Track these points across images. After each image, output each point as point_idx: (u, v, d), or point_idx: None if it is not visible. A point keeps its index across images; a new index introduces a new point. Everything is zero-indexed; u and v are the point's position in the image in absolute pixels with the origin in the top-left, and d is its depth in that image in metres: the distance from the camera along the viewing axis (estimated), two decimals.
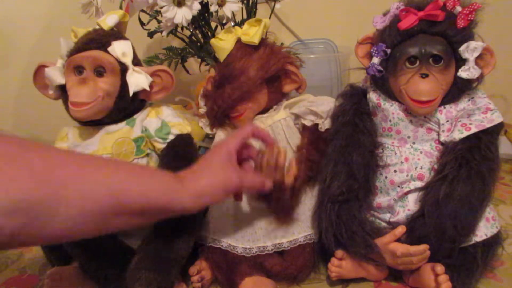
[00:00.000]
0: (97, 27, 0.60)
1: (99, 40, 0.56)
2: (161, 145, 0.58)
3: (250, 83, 0.57)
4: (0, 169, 0.30)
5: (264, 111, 0.61)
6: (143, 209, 0.40)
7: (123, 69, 0.56)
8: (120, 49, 0.56)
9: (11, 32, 1.06)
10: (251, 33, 0.59)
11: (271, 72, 0.58)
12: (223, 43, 0.59)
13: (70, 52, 0.57)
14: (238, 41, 0.59)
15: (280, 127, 0.60)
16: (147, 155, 0.59)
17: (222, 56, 0.60)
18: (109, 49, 0.55)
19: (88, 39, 0.57)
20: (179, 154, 0.59)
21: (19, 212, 0.31)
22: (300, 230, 0.57)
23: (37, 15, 1.06)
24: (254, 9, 0.81)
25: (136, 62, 0.59)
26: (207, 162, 0.48)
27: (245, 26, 0.60)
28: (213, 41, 0.61)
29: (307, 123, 0.60)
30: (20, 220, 0.31)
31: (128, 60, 0.56)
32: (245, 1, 0.78)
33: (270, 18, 0.76)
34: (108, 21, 0.59)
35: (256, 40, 0.57)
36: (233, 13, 0.72)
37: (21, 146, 0.33)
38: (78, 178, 0.35)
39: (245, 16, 0.80)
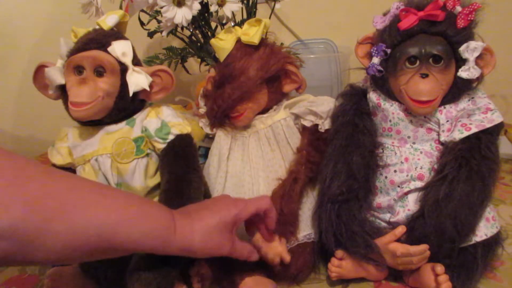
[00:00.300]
0: (97, 27, 0.60)
1: (99, 40, 0.56)
2: (161, 145, 0.58)
3: (250, 83, 0.57)
4: None
5: (264, 111, 0.61)
6: (129, 250, 0.41)
7: (123, 69, 0.56)
8: (120, 49, 0.56)
9: (12, 32, 1.06)
10: (251, 33, 0.59)
11: (271, 72, 0.58)
12: (223, 43, 0.59)
13: (70, 52, 0.57)
14: (238, 41, 0.59)
15: (280, 127, 0.60)
16: (147, 155, 0.59)
17: (222, 56, 0.60)
18: (109, 49, 0.55)
19: (88, 39, 0.57)
20: (179, 154, 0.59)
21: (6, 238, 0.31)
22: (300, 230, 0.57)
23: (37, 15, 1.06)
24: (254, 9, 0.81)
25: (136, 62, 0.59)
26: (209, 217, 0.45)
27: (245, 26, 0.60)
28: (213, 41, 0.61)
29: (307, 123, 0.60)
30: (6, 246, 0.31)
31: (128, 60, 0.56)
32: (245, 1, 0.78)
33: (270, 18, 0.76)
34: (108, 21, 0.59)
35: (256, 40, 0.57)
36: (233, 13, 0.72)
37: (17, 170, 0.33)
38: (70, 213, 0.35)
39: (245, 16, 0.80)
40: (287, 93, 0.63)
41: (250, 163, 0.60)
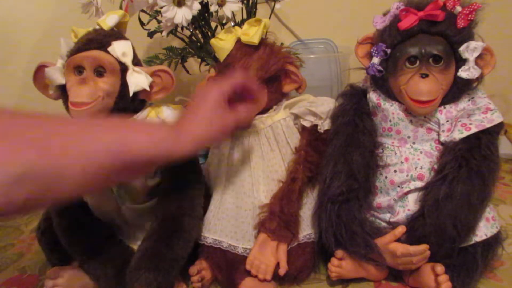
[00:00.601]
0: (97, 27, 0.60)
1: (99, 40, 0.56)
2: None
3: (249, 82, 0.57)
4: (3, 147, 0.32)
5: (264, 111, 0.61)
6: (143, 163, 0.42)
7: (123, 69, 0.56)
8: (120, 49, 0.56)
9: (12, 32, 1.06)
10: (251, 33, 0.59)
11: (270, 72, 0.58)
12: (223, 43, 0.59)
13: (70, 52, 0.57)
14: (238, 41, 0.59)
15: (280, 127, 0.60)
16: None
17: (222, 56, 0.60)
18: (109, 49, 0.55)
19: (88, 39, 0.57)
20: None
21: (27, 182, 0.32)
22: (300, 230, 0.57)
23: (38, 15, 1.06)
24: (254, 9, 0.81)
25: (136, 62, 0.59)
26: (201, 109, 0.48)
27: (245, 26, 0.60)
28: (213, 41, 0.61)
29: (306, 124, 0.60)
30: (29, 189, 0.33)
31: (128, 60, 0.56)
32: (245, 1, 0.78)
33: (270, 18, 0.76)
34: (108, 21, 0.59)
35: (256, 40, 0.57)
36: (233, 13, 0.72)
37: (15, 117, 0.35)
38: (77, 143, 0.36)
39: (245, 16, 0.80)
40: (287, 93, 0.63)
41: (250, 163, 0.60)
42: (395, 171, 0.54)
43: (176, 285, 0.56)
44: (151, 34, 0.82)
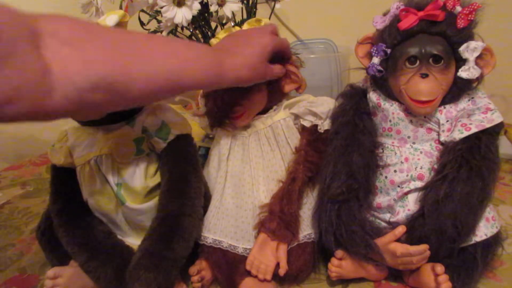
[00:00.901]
0: None
1: None
2: (161, 145, 0.58)
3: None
4: (80, 53, 0.35)
5: (264, 111, 0.61)
6: (192, 88, 0.46)
7: None
8: None
9: None
10: None
11: None
12: None
13: None
14: None
15: (280, 127, 0.60)
16: (147, 155, 0.59)
17: None
18: None
19: None
20: (179, 154, 0.59)
21: (100, 90, 0.36)
22: (300, 230, 0.57)
23: None
24: (254, 9, 0.81)
25: None
26: (249, 50, 0.51)
27: (245, 25, 0.60)
28: (212, 41, 0.61)
29: (306, 124, 0.60)
30: (102, 96, 0.37)
31: None
32: (245, 1, 0.78)
33: (270, 18, 0.76)
34: (108, 21, 0.59)
35: None
36: (233, 13, 0.72)
37: (88, 31, 0.38)
38: (143, 62, 0.40)
39: (245, 16, 0.80)
40: (287, 93, 0.63)
41: (250, 163, 0.60)
42: (395, 171, 0.54)
43: (176, 285, 0.56)
44: None
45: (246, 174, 0.60)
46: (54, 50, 0.34)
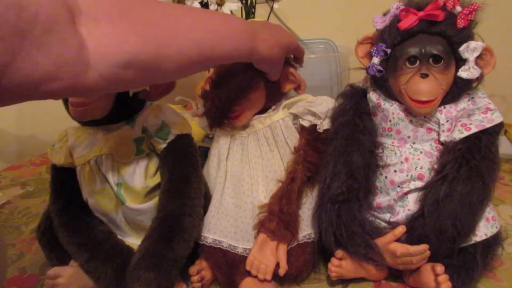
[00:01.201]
0: None
1: None
2: (161, 145, 0.58)
3: (247, 82, 0.57)
4: (113, 30, 0.36)
5: (263, 111, 0.61)
6: (225, 61, 0.48)
7: None
8: None
9: None
10: None
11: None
12: None
13: None
14: None
15: (279, 127, 0.60)
16: (147, 155, 0.59)
17: None
18: None
19: None
20: (179, 154, 0.59)
21: (132, 67, 0.37)
22: (300, 230, 0.57)
23: None
24: (253, 9, 0.81)
25: None
26: (272, 36, 0.52)
27: None
28: None
29: (305, 123, 0.60)
30: (134, 73, 0.38)
31: None
32: (244, 1, 0.78)
33: (268, 18, 0.76)
34: None
35: None
36: (232, 12, 0.72)
37: (122, 6, 0.38)
38: (175, 39, 0.41)
39: (244, 15, 0.80)
40: (285, 93, 0.63)
41: (249, 163, 0.60)
42: (395, 171, 0.54)
43: (176, 285, 0.55)
44: None
45: (245, 174, 0.60)
46: (88, 27, 0.35)
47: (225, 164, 0.61)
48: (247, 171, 0.60)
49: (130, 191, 0.58)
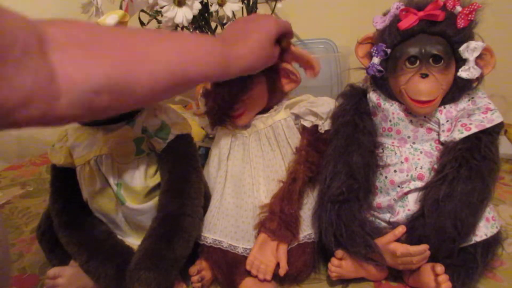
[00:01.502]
0: None
1: None
2: (161, 145, 0.58)
3: (249, 79, 0.57)
4: (83, 57, 0.36)
5: (265, 111, 0.61)
6: (199, 82, 0.47)
7: None
8: None
9: None
10: None
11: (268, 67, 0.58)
12: None
13: None
14: None
15: (281, 127, 0.60)
16: (147, 155, 0.59)
17: None
18: None
19: None
20: (179, 154, 0.59)
21: (105, 92, 0.37)
22: (301, 230, 0.57)
23: (38, 15, 1.06)
24: (255, 9, 0.81)
25: None
26: (253, 38, 0.50)
27: None
28: None
29: (307, 124, 0.60)
30: (108, 98, 0.37)
31: None
32: (245, 1, 0.78)
33: None
34: (108, 21, 0.59)
35: None
36: (233, 12, 0.72)
37: (91, 34, 0.38)
38: (149, 62, 0.40)
39: (245, 15, 0.80)
40: (287, 93, 0.63)
41: (250, 163, 0.60)
42: (395, 171, 0.54)
43: (176, 285, 0.56)
44: None
45: (246, 174, 0.60)
46: (58, 54, 0.35)
47: (226, 164, 0.61)
48: (248, 171, 0.60)
49: (130, 191, 0.58)
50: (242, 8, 0.78)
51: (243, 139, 0.61)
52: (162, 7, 0.65)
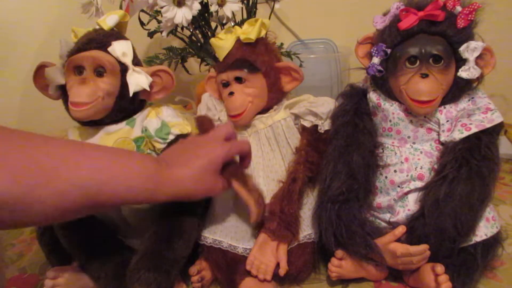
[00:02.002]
0: (97, 27, 0.60)
1: (99, 40, 0.56)
2: (161, 145, 0.58)
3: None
4: None
5: (264, 111, 0.61)
6: (117, 205, 0.43)
7: (123, 69, 0.56)
8: (120, 49, 0.56)
9: (12, 33, 1.06)
10: (248, 32, 0.59)
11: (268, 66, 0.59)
12: (223, 42, 0.59)
13: (71, 52, 0.57)
14: (238, 40, 0.59)
15: (280, 127, 0.60)
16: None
17: (221, 55, 0.60)
18: (109, 49, 0.55)
19: (88, 39, 0.57)
20: None
21: (4, 208, 0.33)
22: (301, 230, 0.57)
23: (38, 15, 1.06)
24: (255, 9, 0.81)
25: (136, 62, 0.59)
26: (198, 162, 0.46)
27: (245, 25, 0.61)
28: (212, 40, 0.61)
29: (307, 124, 0.60)
30: (7, 214, 0.33)
31: (128, 60, 0.56)
32: (245, 1, 0.78)
33: (270, 18, 0.76)
34: (108, 21, 0.59)
35: (252, 37, 0.58)
36: (233, 13, 0.72)
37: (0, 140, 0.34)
38: (54, 179, 0.36)
39: (245, 16, 0.80)
40: (287, 93, 0.63)
41: (251, 163, 0.60)
42: (395, 171, 0.54)
43: (176, 285, 0.56)
44: (151, 34, 0.82)
45: None
46: None
47: None
48: (248, 171, 0.60)
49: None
50: (242, 8, 0.78)
51: (243, 139, 0.61)
52: (161, 7, 0.65)
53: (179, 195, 0.45)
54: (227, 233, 0.58)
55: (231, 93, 0.59)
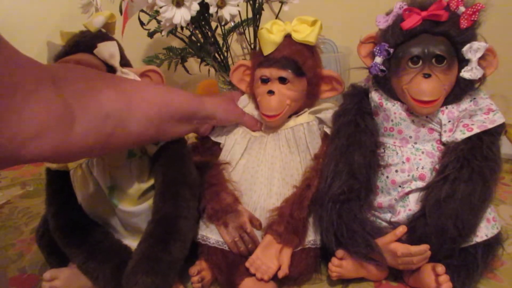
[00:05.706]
0: (84, 29, 0.59)
1: (85, 42, 0.55)
2: (153, 149, 0.58)
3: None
4: (89, 90, 0.43)
5: (294, 113, 0.61)
6: (183, 114, 0.55)
7: (111, 71, 0.55)
8: (107, 51, 0.54)
9: (11, 33, 1.06)
10: (303, 31, 0.58)
11: (311, 72, 0.59)
12: (273, 36, 0.57)
13: (58, 55, 0.55)
14: (287, 36, 0.58)
15: (302, 130, 0.59)
16: (140, 157, 0.58)
17: (268, 49, 0.57)
18: (95, 51, 0.54)
19: (74, 42, 0.55)
20: (173, 156, 0.58)
21: (110, 118, 0.44)
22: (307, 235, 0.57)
23: (37, 15, 1.06)
24: (262, 10, 0.80)
25: (124, 62, 0.57)
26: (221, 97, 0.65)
27: (295, 22, 0.59)
28: (262, 32, 0.58)
29: (329, 131, 0.59)
30: (112, 124, 0.44)
31: (115, 61, 0.55)
32: (251, 1, 0.78)
33: (277, 18, 0.76)
34: (95, 23, 0.58)
35: (312, 40, 0.57)
36: (232, 16, 0.72)
37: (92, 75, 0.47)
38: (140, 92, 0.50)
39: (250, 15, 0.80)
40: (319, 99, 0.63)
41: (267, 163, 0.59)
42: (396, 171, 0.54)
43: (174, 287, 0.55)
44: (151, 34, 0.82)
45: (260, 172, 0.59)
46: (70, 88, 0.40)
47: (238, 162, 0.61)
48: (262, 170, 0.59)
49: (122, 194, 0.57)
50: (247, 7, 0.77)
51: (261, 138, 0.61)
52: (160, 7, 0.65)
53: (214, 114, 0.60)
54: None
55: (271, 92, 0.57)
